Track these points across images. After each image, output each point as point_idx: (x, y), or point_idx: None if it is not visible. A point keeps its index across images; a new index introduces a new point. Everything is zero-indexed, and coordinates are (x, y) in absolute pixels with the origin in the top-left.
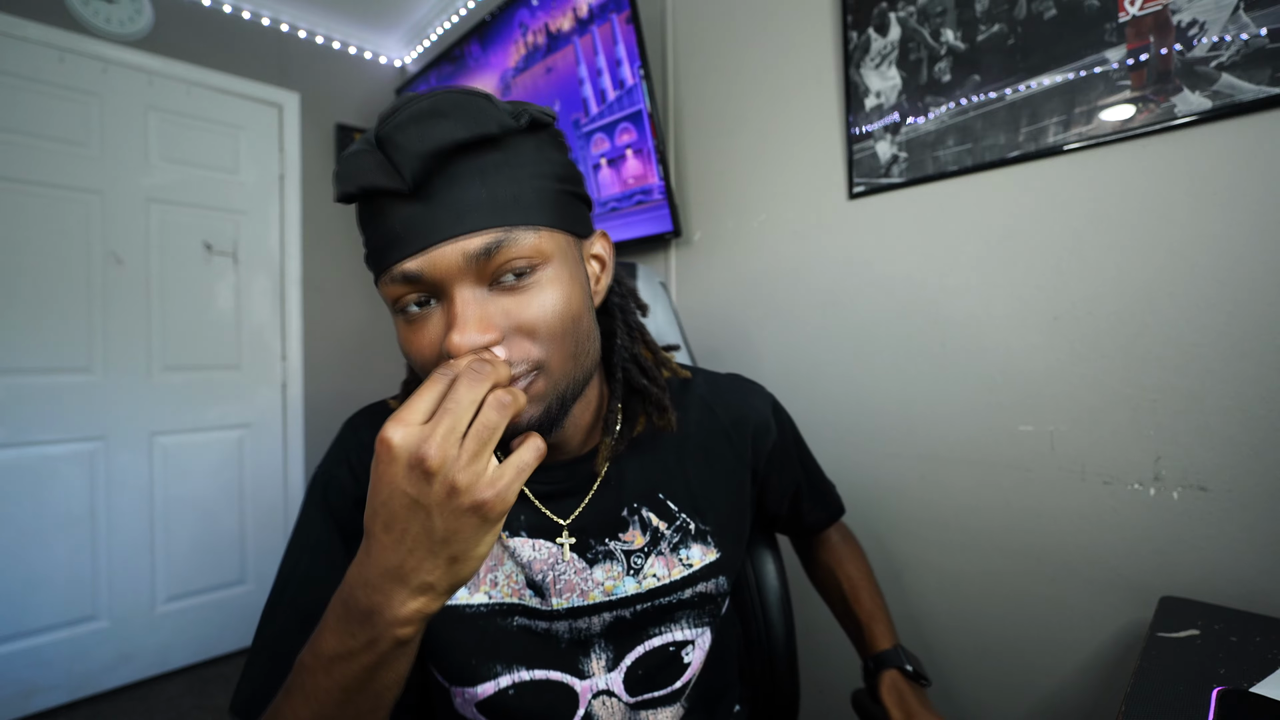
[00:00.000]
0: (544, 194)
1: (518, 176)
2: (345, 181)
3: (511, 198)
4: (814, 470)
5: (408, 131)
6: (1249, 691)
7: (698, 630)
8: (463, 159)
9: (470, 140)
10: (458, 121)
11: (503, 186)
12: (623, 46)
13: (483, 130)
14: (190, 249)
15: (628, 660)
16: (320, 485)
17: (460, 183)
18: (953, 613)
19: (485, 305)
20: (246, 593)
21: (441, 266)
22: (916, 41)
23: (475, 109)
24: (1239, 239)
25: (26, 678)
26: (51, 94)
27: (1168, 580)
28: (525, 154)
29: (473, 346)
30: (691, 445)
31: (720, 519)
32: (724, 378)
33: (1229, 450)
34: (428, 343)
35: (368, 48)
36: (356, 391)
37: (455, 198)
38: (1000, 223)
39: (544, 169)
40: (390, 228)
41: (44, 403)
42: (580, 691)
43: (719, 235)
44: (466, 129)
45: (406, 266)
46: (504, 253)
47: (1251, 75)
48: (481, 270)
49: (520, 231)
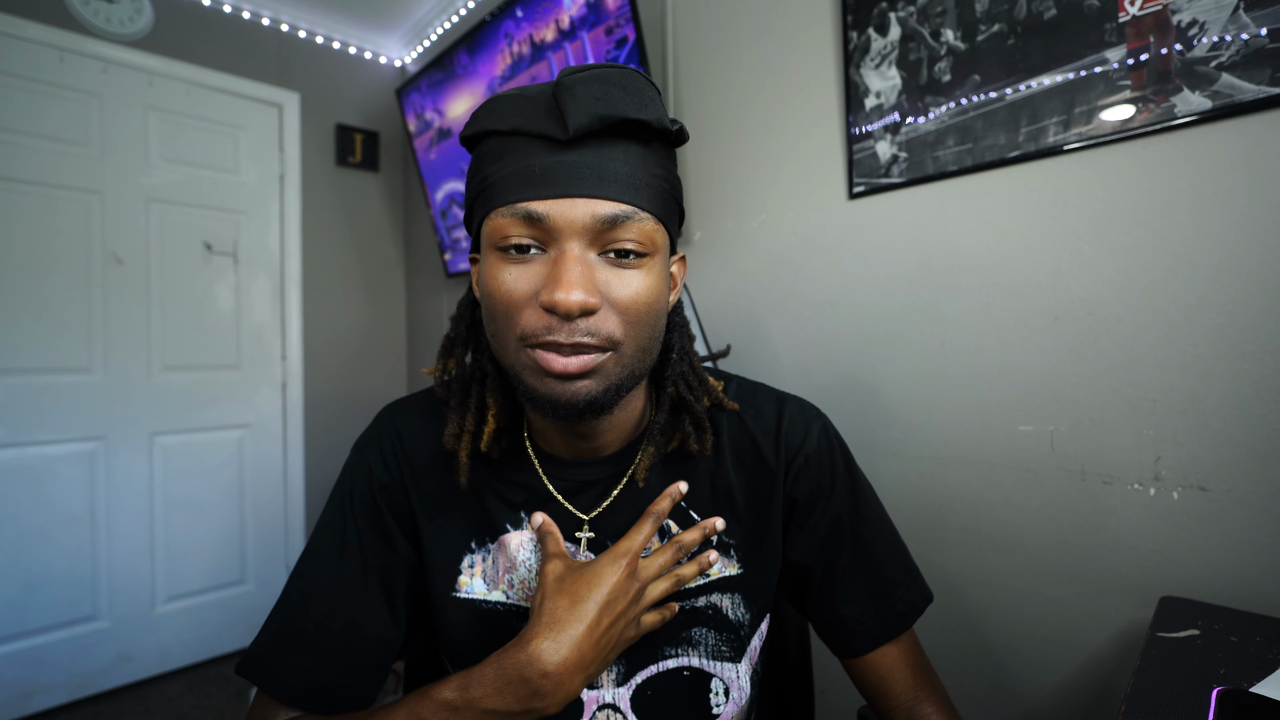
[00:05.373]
0: (664, 194)
1: (653, 171)
2: (497, 119)
3: (644, 184)
4: (874, 527)
5: (590, 88)
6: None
7: (717, 664)
8: (622, 133)
9: (640, 120)
10: (635, 99)
11: (640, 172)
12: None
13: (650, 116)
14: (190, 249)
15: (638, 678)
16: (350, 467)
17: (612, 153)
18: (953, 612)
19: (594, 270)
20: (246, 593)
21: (570, 216)
22: (916, 41)
23: (650, 97)
24: (1239, 239)
25: (26, 678)
26: (51, 94)
27: (1168, 580)
28: (659, 154)
29: (579, 305)
30: (723, 457)
31: (745, 535)
32: (766, 390)
33: (1229, 450)
34: (524, 285)
35: (368, 48)
36: (356, 391)
37: (603, 163)
38: (1000, 223)
39: (668, 173)
40: (528, 168)
41: (44, 403)
42: (586, 701)
43: (719, 235)
44: (639, 109)
45: (535, 206)
46: (628, 228)
47: (1251, 75)
48: (600, 236)
49: (645, 215)
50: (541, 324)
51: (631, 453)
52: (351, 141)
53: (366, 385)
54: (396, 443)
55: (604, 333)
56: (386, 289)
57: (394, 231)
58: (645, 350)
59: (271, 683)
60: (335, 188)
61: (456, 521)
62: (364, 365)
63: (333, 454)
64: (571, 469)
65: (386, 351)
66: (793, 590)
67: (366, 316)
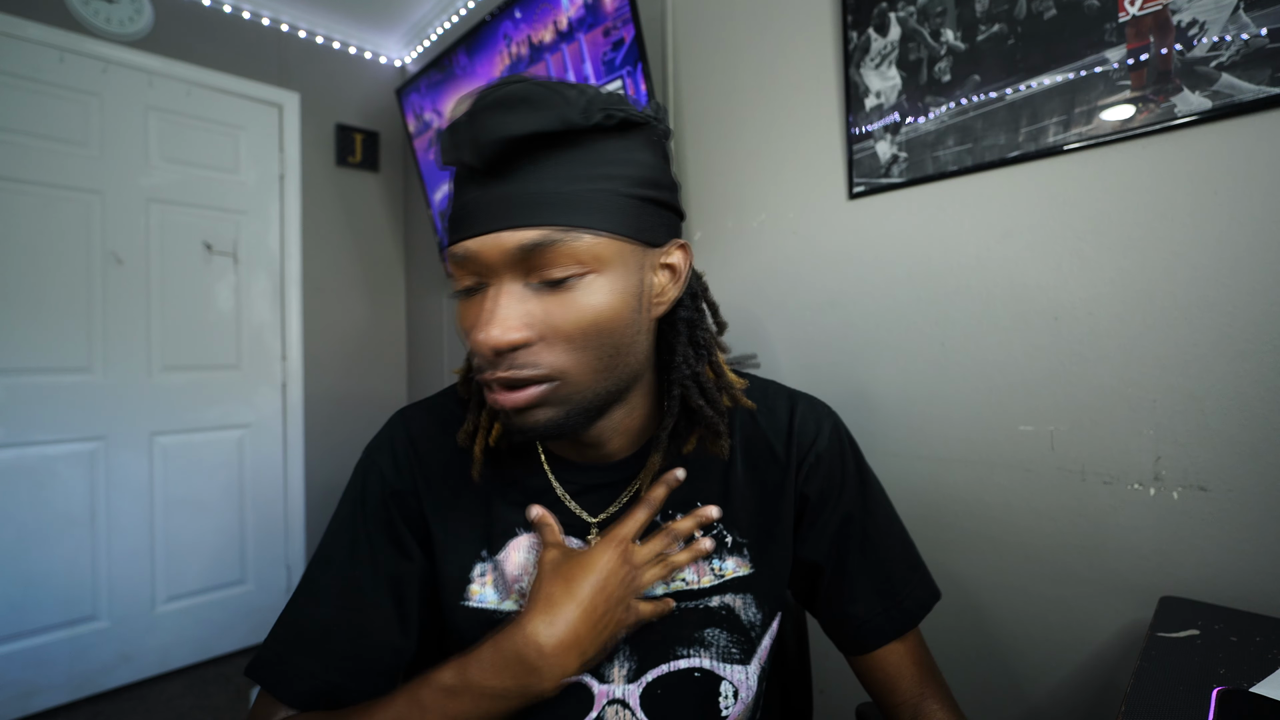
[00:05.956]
0: (614, 197)
1: (590, 176)
2: (443, 151)
3: (564, 197)
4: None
5: (490, 114)
6: (1249, 691)
7: (727, 667)
8: (537, 150)
9: (538, 133)
10: (533, 112)
11: (569, 184)
12: (589, 64)
13: (541, 126)
14: (190, 249)
15: (649, 676)
16: (361, 471)
17: (536, 173)
18: (953, 612)
19: (524, 302)
20: (246, 593)
21: (486, 255)
22: (916, 41)
23: (552, 101)
24: (1239, 239)
25: (26, 678)
26: (51, 94)
27: (1168, 580)
28: (605, 153)
29: (494, 345)
30: (735, 455)
31: (757, 534)
32: (776, 387)
33: (1229, 450)
34: (469, 325)
35: (368, 48)
36: (356, 391)
37: (519, 188)
38: (1000, 223)
39: (623, 170)
40: (463, 204)
41: (44, 403)
42: (597, 695)
43: (719, 235)
44: (537, 121)
45: (465, 247)
46: (551, 252)
47: (1251, 75)
48: (525, 265)
49: (574, 234)
50: (485, 361)
51: (642, 458)
52: (351, 141)
53: (366, 385)
54: (409, 447)
55: (544, 364)
56: (386, 289)
57: (394, 231)
58: (604, 370)
59: (278, 685)
60: (335, 188)
61: (468, 528)
62: (364, 365)
63: (333, 454)
64: (583, 472)
65: (386, 351)
66: (801, 587)
67: (366, 316)
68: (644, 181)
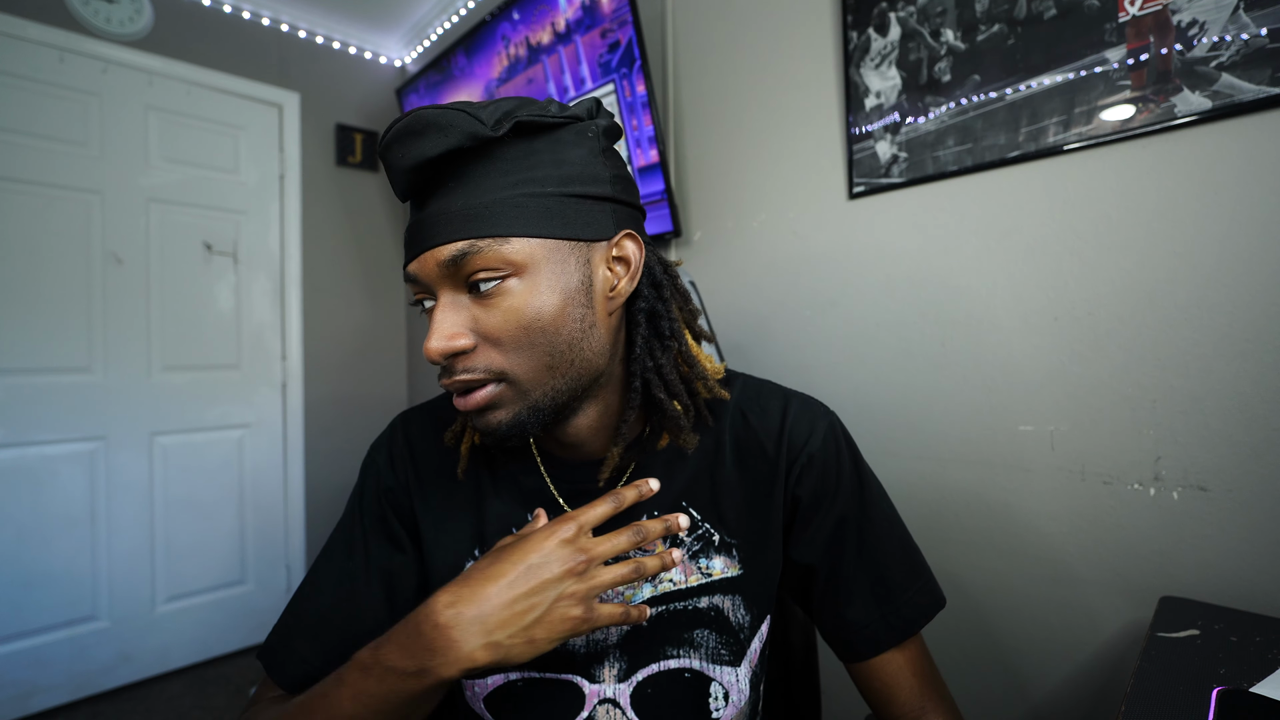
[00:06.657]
0: (538, 199)
1: (500, 184)
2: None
3: (484, 208)
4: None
5: (394, 149)
6: (1249, 691)
7: (716, 668)
8: (446, 170)
9: (441, 154)
10: (431, 137)
11: (479, 196)
12: (585, 66)
13: (450, 144)
14: (190, 249)
15: (639, 675)
16: (364, 468)
17: (451, 192)
18: (953, 612)
19: (462, 311)
20: (246, 593)
21: (423, 273)
22: (916, 41)
23: (447, 123)
24: (1239, 239)
25: (26, 678)
26: (51, 94)
27: (1168, 580)
28: (527, 159)
29: (435, 353)
30: (724, 454)
31: (746, 534)
32: (772, 387)
33: (1229, 450)
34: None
35: (368, 48)
36: (356, 392)
37: (439, 207)
38: (1000, 223)
39: (538, 173)
40: (407, 229)
41: (44, 403)
42: (588, 695)
43: (719, 235)
44: (435, 144)
45: (406, 270)
46: (470, 263)
47: (1251, 75)
48: (456, 277)
49: (486, 242)
50: (440, 370)
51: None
52: (351, 141)
53: (366, 385)
54: (406, 447)
55: (482, 367)
56: (386, 289)
57: (394, 231)
58: (556, 367)
59: (276, 670)
60: (335, 188)
61: (460, 525)
62: (364, 365)
63: (333, 454)
64: (576, 471)
65: (386, 352)
66: (798, 591)
67: (366, 316)
68: (573, 179)
